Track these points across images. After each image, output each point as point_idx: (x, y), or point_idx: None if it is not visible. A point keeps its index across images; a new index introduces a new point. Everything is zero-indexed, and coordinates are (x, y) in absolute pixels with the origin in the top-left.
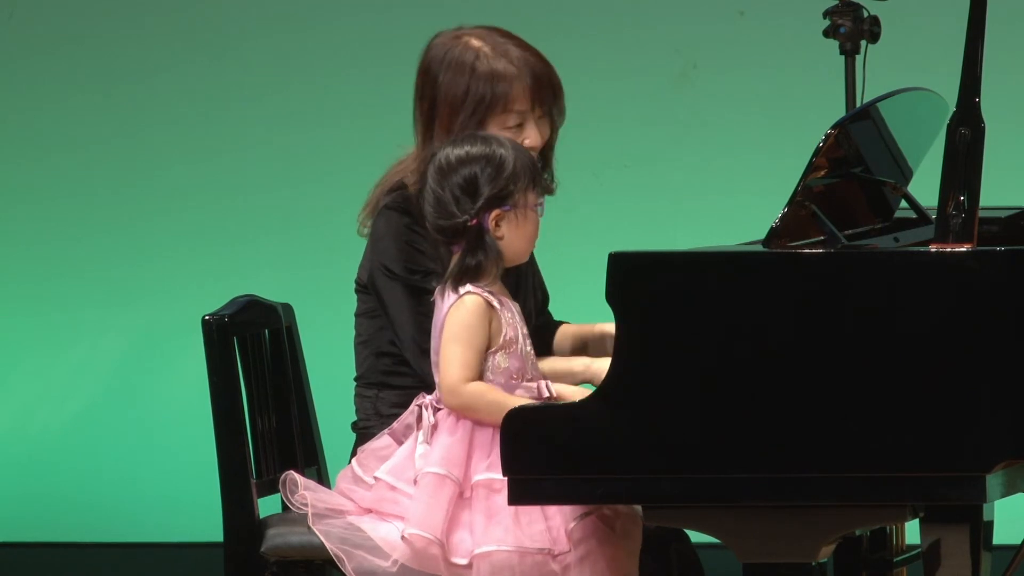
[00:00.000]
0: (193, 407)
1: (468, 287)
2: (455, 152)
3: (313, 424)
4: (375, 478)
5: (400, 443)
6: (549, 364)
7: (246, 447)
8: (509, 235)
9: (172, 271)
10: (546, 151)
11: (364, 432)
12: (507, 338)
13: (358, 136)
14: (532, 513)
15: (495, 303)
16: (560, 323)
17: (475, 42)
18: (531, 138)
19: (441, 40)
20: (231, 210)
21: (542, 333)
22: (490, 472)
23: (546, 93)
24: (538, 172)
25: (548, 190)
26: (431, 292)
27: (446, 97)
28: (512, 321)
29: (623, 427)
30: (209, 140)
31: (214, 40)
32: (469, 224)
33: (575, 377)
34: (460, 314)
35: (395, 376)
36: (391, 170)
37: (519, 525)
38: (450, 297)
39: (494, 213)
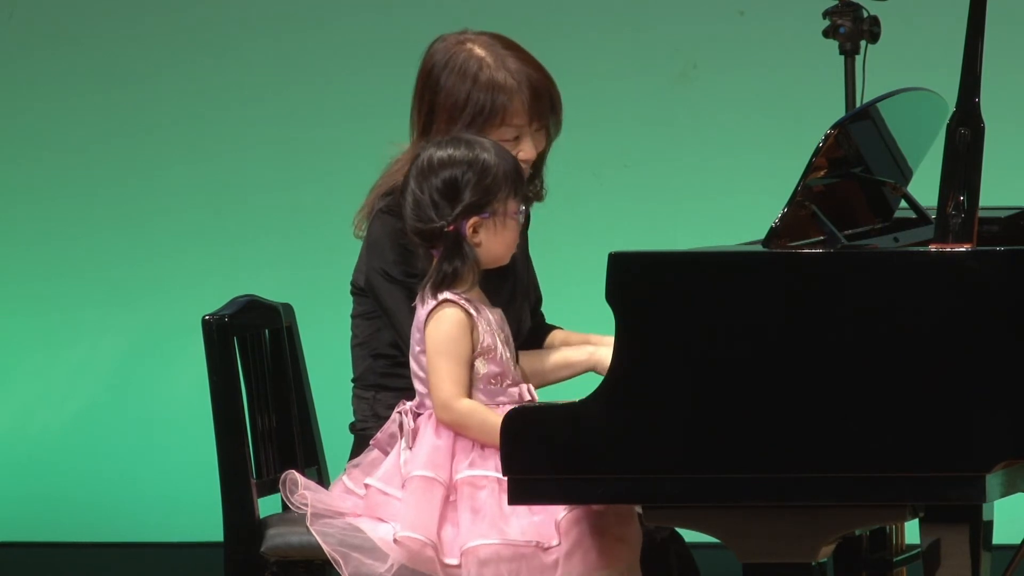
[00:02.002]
0: (193, 407)
1: (446, 294)
2: (438, 154)
3: (313, 424)
4: (366, 486)
5: (386, 453)
6: (547, 358)
7: (246, 447)
8: (487, 242)
9: (172, 271)
10: (537, 160)
11: (362, 434)
12: (485, 345)
13: (358, 136)
14: (517, 507)
15: (472, 311)
16: (552, 327)
17: (479, 51)
18: (526, 151)
19: (444, 45)
20: (231, 210)
21: (534, 334)
22: (472, 470)
23: (544, 108)
24: (521, 179)
25: (537, 196)
26: None
27: (446, 102)
28: (489, 328)
29: (623, 427)
30: (209, 140)
31: (214, 40)
32: (446, 230)
33: (573, 368)
34: (443, 327)
35: (392, 378)
36: (386, 173)
37: (504, 519)
38: (428, 303)
39: (472, 220)
